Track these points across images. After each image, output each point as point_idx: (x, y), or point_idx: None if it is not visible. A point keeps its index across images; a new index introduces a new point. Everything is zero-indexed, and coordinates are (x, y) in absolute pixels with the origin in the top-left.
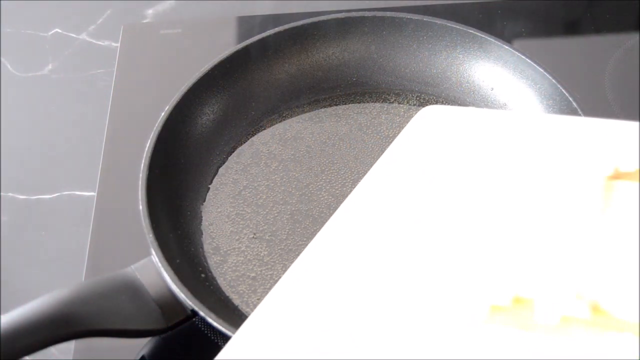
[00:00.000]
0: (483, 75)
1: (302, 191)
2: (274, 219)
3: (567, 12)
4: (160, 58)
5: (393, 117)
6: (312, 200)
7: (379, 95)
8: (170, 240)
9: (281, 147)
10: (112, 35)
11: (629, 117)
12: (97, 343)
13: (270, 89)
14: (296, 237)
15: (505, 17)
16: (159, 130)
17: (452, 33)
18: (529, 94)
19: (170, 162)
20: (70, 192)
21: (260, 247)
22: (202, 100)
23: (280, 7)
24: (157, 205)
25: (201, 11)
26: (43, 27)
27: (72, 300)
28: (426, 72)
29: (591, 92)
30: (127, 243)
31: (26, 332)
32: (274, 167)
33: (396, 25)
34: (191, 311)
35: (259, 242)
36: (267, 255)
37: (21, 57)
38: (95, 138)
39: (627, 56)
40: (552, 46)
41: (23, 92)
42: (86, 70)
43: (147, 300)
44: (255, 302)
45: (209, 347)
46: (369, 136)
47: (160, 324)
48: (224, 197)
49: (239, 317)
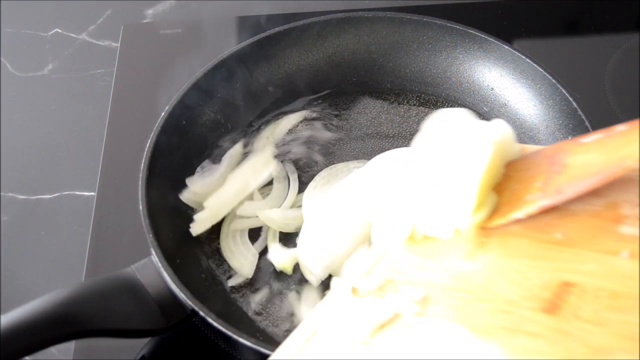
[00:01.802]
0: (483, 75)
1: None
2: None
3: (567, 12)
4: (160, 58)
5: (393, 117)
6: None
7: (379, 95)
8: (170, 240)
9: (281, 147)
10: (112, 35)
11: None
12: (97, 343)
13: (270, 88)
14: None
15: (505, 17)
16: (159, 130)
17: (452, 33)
18: (529, 94)
19: (170, 162)
20: (70, 192)
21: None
22: (202, 100)
23: (280, 7)
24: (157, 205)
25: (201, 11)
26: (43, 27)
27: (72, 300)
28: (426, 72)
29: (591, 92)
30: (127, 243)
31: (26, 332)
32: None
33: (396, 25)
34: (191, 311)
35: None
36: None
37: (21, 57)
38: (95, 138)
39: (627, 56)
40: (552, 46)
41: (23, 92)
42: (86, 70)
43: (147, 300)
44: (255, 302)
45: (209, 347)
46: (369, 136)
47: (160, 323)
48: None
49: (238, 317)
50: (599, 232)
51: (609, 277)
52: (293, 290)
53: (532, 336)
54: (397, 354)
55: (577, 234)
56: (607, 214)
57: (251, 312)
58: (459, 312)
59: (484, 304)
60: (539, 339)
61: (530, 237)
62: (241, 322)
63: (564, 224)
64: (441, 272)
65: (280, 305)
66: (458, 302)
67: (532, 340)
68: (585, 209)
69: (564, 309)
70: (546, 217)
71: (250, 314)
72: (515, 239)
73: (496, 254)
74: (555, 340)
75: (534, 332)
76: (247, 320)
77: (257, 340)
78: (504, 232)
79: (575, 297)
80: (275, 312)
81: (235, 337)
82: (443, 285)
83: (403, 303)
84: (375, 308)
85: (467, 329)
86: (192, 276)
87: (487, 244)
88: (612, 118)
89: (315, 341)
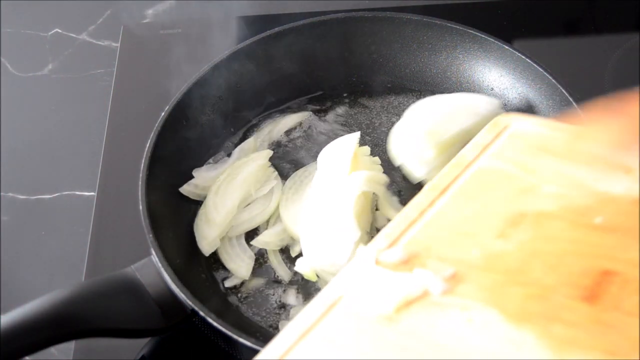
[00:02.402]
0: (483, 75)
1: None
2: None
3: (567, 12)
4: (160, 58)
5: (393, 117)
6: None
7: (379, 95)
8: (170, 240)
9: (280, 147)
10: (112, 35)
11: None
12: (97, 343)
13: (270, 88)
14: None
15: (505, 17)
16: (159, 130)
17: (452, 33)
18: (529, 94)
19: (170, 161)
20: (70, 192)
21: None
22: (202, 100)
23: (280, 7)
24: (157, 205)
25: (201, 11)
26: (43, 27)
27: (72, 300)
28: (426, 72)
29: (591, 92)
30: (127, 243)
31: (26, 332)
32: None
33: (396, 25)
34: (191, 311)
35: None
36: (266, 254)
37: (21, 57)
38: (95, 138)
39: (627, 56)
40: (552, 46)
41: (23, 92)
42: (86, 70)
43: (147, 300)
44: (254, 302)
45: (209, 347)
46: (369, 136)
47: (160, 323)
48: None
49: (238, 317)
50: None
51: None
52: (293, 290)
53: (570, 325)
54: (423, 335)
55: (618, 220)
56: None
57: (251, 312)
58: (491, 295)
59: (519, 288)
60: (578, 329)
61: (567, 219)
62: (241, 322)
63: (603, 208)
64: (471, 249)
65: (279, 305)
66: (491, 283)
67: (570, 329)
68: (626, 193)
69: (604, 299)
70: (584, 200)
71: (250, 314)
72: (551, 221)
73: (531, 235)
74: (595, 332)
75: (573, 321)
76: (246, 320)
77: (256, 340)
78: (540, 212)
79: (617, 287)
80: (275, 312)
81: (235, 337)
82: (474, 265)
83: (431, 279)
84: (402, 282)
85: (500, 314)
86: (192, 276)
87: (521, 222)
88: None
89: (337, 311)
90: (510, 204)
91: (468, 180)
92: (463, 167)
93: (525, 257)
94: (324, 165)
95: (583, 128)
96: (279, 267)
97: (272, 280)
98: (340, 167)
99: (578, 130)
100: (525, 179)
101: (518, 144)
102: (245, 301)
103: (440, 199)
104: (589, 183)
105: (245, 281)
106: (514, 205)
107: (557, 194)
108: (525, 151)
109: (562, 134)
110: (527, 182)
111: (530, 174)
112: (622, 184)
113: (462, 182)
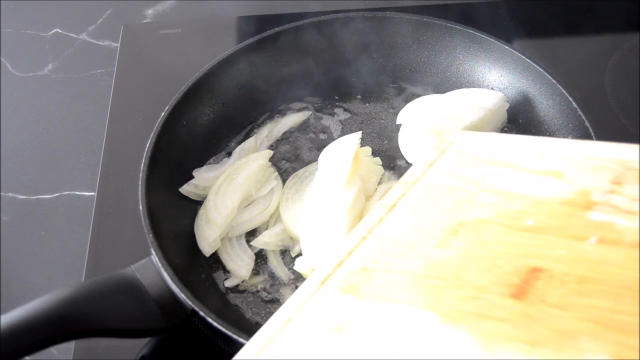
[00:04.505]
0: (483, 75)
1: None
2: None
3: (567, 12)
4: (160, 58)
5: (393, 117)
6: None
7: (379, 95)
8: (170, 240)
9: (280, 147)
10: (112, 35)
11: (629, 117)
12: (97, 343)
13: (269, 88)
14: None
15: (505, 17)
16: (159, 130)
17: (452, 33)
18: (529, 94)
19: (170, 162)
20: (70, 192)
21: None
22: (201, 100)
23: (280, 7)
24: (157, 205)
25: (201, 11)
26: (43, 27)
27: (72, 300)
28: (426, 72)
29: (591, 92)
30: (127, 243)
31: (26, 332)
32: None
33: (396, 25)
34: (191, 311)
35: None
36: (266, 254)
37: (21, 57)
38: (95, 138)
39: (627, 56)
40: (552, 46)
41: (23, 92)
42: (86, 70)
43: (147, 300)
44: (254, 302)
45: (209, 347)
46: (369, 136)
47: (160, 323)
48: None
49: (238, 317)
50: (568, 218)
51: (576, 262)
52: (292, 290)
53: (499, 321)
54: (367, 341)
55: (548, 221)
56: (577, 201)
57: (251, 312)
58: (429, 299)
59: (455, 291)
60: (506, 324)
61: (501, 224)
62: (241, 321)
63: (535, 210)
64: (414, 260)
65: (278, 305)
66: (429, 289)
67: (500, 325)
68: (556, 196)
69: (531, 294)
70: (517, 205)
71: (250, 314)
72: (487, 226)
73: (468, 241)
74: (522, 325)
75: (502, 317)
76: (246, 320)
77: None
78: (476, 220)
79: (543, 282)
80: (274, 311)
81: (235, 337)
82: (415, 273)
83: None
84: (341, 301)
85: (436, 315)
86: (192, 276)
87: (459, 231)
88: (612, 118)
89: (289, 328)
90: (451, 215)
91: (414, 196)
92: (410, 185)
93: (462, 263)
94: (325, 165)
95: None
96: (279, 268)
97: (272, 281)
98: (341, 168)
99: (516, 140)
100: (465, 190)
101: (461, 158)
102: (245, 301)
103: (389, 215)
104: (523, 189)
105: (245, 281)
106: (454, 215)
107: (494, 202)
108: (466, 164)
109: (502, 145)
110: (467, 193)
111: (470, 184)
112: (553, 187)
113: (409, 198)
